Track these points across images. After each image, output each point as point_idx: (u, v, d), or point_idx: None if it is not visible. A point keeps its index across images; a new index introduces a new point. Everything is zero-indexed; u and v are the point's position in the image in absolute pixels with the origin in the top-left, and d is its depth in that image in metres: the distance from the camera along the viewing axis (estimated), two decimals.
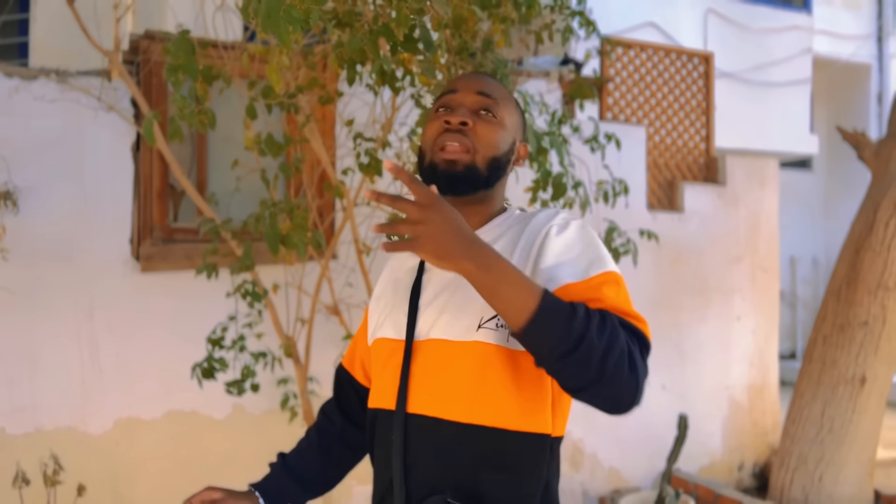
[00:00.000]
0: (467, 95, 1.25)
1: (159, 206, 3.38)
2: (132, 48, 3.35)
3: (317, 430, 1.48)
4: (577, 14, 2.90)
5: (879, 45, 8.67)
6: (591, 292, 1.11)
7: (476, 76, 1.31)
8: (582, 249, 1.17)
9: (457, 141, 1.20)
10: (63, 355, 3.23)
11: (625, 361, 1.03)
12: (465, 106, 1.24)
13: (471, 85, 1.27)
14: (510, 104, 1.30)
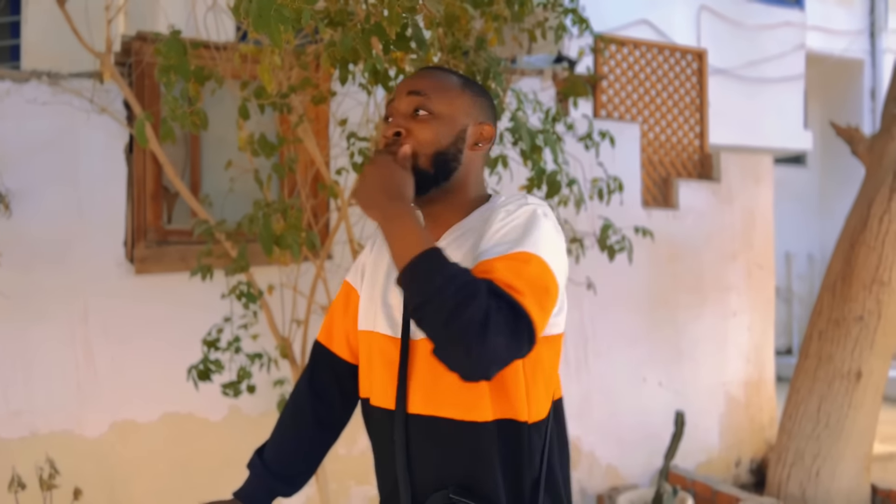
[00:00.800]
0: (401, 100, 1.26)
1: (153, 208, 3.37)
2: (124, 50, 3.33)
3: (291, 419, 1.43)
4: (569, 12, 2.90)
5: (872, 41, 8.69)
6: (496, 266, 1.09)
7: (414, 76, 1.31)
8: (516, 231, 1.15)
9: (399, 154, 1.22)
10: (58, 358, 3.22)
11: (475, 325, 1.00)
12: (399, 112, 1.26)
13: (403, 87, 1.27)
14: (450, 91, 1.27)
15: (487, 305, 1.02)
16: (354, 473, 3.58)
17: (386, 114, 1.30)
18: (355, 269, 1.43)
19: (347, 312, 1.41)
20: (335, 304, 1.45)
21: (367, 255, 1.41)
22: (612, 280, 4.07)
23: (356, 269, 1.43)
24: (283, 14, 1.44)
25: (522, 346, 1.06)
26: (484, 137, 1.31)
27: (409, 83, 1.28)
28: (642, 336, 4.37)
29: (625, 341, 4.32)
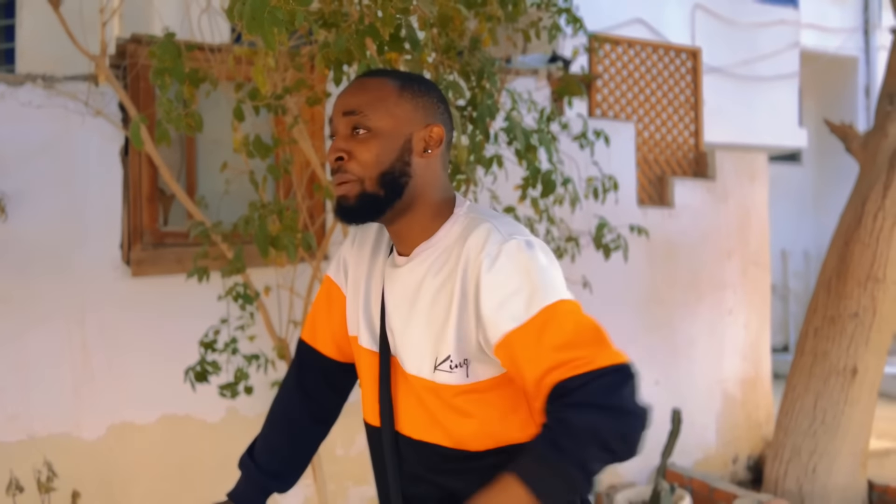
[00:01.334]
0: (339, 121, 1.18)
1: (149, 211, 3.37)
2: (119, 52, 3.34)
3: (283, 417, 1.39)
4: (563, 11, 2.91)
5: (866, 38, 8.72)
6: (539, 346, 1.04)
7: (348, 90, 1.21)
8: (517, 283, 1.06)
9: (340, 178, 1.16)
10: (55, 361, 3.22)
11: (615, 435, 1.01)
12: (339, 134, 1.18)
13: (339, 106, 1.19)
14: (386, 101, 1.17)
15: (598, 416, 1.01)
16: (352, 474, 3.59)
17: (330, 131, 1.22)
18: (337, 265, 1.36)
19: (332, 311, 1.35)
20: (318, 302, 1.38)
21: (349, 250, 1.34)
22: (608, 279, 4.08)
23: (338, 264, 1.36)
24: (277, 16, 1.45)
25: (636, 390, 1.05)
26: (433, 140, 1.19)
27: (343, 101, 1.19)
28: (639, 334, 4.39)
29: (621, 340, 4.30)
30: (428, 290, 1.15)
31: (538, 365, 1.04)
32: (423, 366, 1.15)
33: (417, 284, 1.17)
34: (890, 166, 3.68)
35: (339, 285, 1.34)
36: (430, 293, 1.15)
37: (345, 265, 1.34)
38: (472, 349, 1.11)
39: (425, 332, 1.14)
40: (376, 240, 1.31)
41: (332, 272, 1.36)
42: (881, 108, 3.89)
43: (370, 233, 1.32)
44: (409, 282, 1.18)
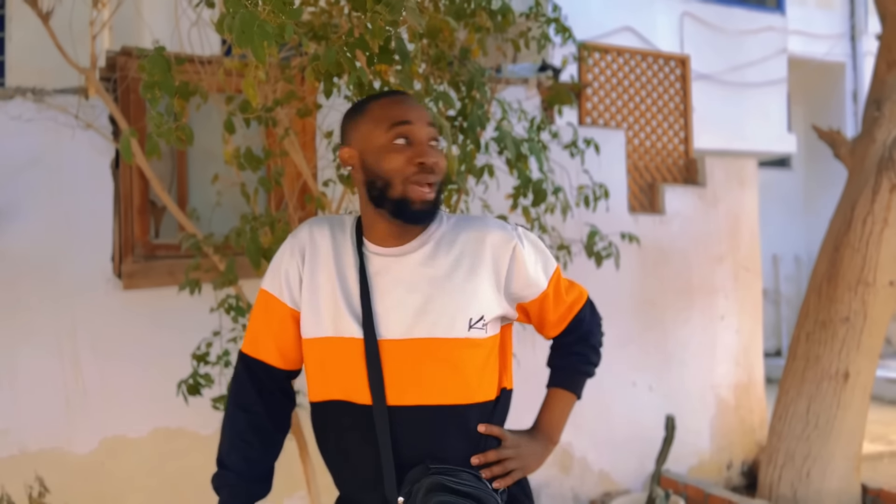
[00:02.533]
0: (422, 128, 1.36)
1: (140, 223, 3.36)
2: (109, 65, 3.34)
3: (250, 429, 1.46)
4: (552, 21, 2.92)
5: (853, 44, 8.79)
6: (558, 298, 1.51)
7: (415, 105, 1.40)
8: (539, 253, 1.46)
9: (432, 182, 1.35)
10: (46, 375, 3.20)
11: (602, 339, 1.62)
12: (424, 142, 1.36)
13: (421, 116, 1.37)
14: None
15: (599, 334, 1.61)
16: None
17: (400, 133, 1.36)
18: (275, 277, 1.45)
19: (271, 322, 1.45)
20: (257, 316, 1.47)
21: (298, 267, 1.43)
22: (600, 285, 4.09)
23: (279, 279, 1.44)
24: (266, 30, 1.45)
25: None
26: None
27: (425, 113, 1.38)
28: (632, 340, 4.39)
29: (614, 346, 4.33)
30: (445, 268, 1.38)
31: (561, 305, 1.51)
32: (454, 327, 1.35)
33: (431, 265, 1.38)
34: (878, 171, 3.71)
35: (278, 297, 1.44)
36: (453, 269, 1.38)
37: (287, 276, 1.43)
38: (494, 310, 1.40)
39: (454, 300, 1.36)
40: (333, 242, 1.43)
41: (269, 285, 1.46)
42: (868, 113, 3.92)
43: (319, 239, 1.43)
44: (422, 264, 1.38)
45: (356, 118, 1.42)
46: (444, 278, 1.37)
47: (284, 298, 1.43)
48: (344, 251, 1.42)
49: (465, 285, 1.37)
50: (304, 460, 2.90)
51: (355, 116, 1.43)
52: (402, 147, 1.35)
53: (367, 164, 1.38)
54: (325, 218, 1.49)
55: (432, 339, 1.34)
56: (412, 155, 1.34)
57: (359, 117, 1.41)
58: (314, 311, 1.40)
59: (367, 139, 1.38)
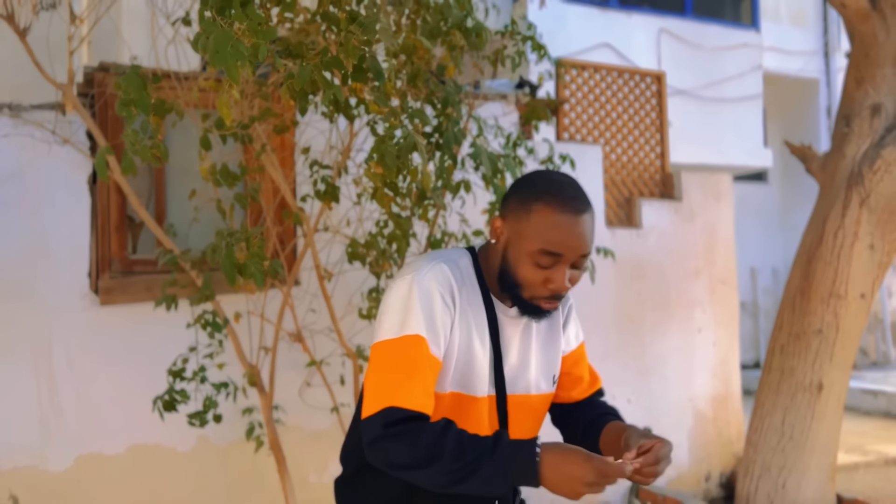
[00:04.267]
0: (573, 258, 1.33)
1: (117, 239, 3.35)
2: (87, 80, 3.34)
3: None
4: (528, 39, 2.97)
5: (826, 60, 8.96)
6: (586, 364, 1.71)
7: (584, 231, 1.32)
8: (576, 316, 1.63)
9: (557, 302, 1.38)
10: (21, 392, 3.17)
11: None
12: (565, 270, 1.33)
13: (578, 246, 1.32)
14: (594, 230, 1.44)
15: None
16: (325, 501, 3.56)
17: (550, 252, 1.31)
18: (436, 336, 1.32)
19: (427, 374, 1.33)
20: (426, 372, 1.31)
21: (447, 317, 1.34)
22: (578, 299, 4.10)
23: (437, 336, 1.32)
24: (240, 50, 1.47)
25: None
26: None
27: (584, 243, 1.33)
28: (610, 354, 4.43)
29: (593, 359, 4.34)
30: (541, 327, 1.50)
31: (590, 371, 1.65)
32: (541, 384, 1.49)
33: (530, 325, 1.47)
34: (847, 186, 3.78)
35: (435, 355, 1.32)
36: (542, 327, 1.50)
37: (446, 329, 1.34)
38: None
39: (547, 356, 1.50)
40: (468, 299, 1.40)
41: (435, 348, 1.32)
42: (838, 129, 4.00)
43: (463, 293, 1.38)
44: (527, 324, 1.47)
45: (522, 202, 1.35)
46: (540, 336, 1.50)
47: (441, 355, 1.34)
48: (476, 310, 1.40)
49: (553, 342, 1.52)
50: (283, 475, 2.89)
51: (523, 200, 1.35)
52: (543, 268, 1.33)
53: (508, 254, 1.36)
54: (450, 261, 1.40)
55: (527, 396, 1.47)
56: (550, 279, 1.33)
57: (524, 206, 1.33)
58: (466, 365, 1.38)
59: (518, 233, 1.34)
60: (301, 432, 3.46)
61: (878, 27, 3.82)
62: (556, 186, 1.35)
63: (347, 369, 3.46)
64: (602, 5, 7.26)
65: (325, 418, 3.43)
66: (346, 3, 1.97)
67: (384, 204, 2.31)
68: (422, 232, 3.31)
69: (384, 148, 2.07)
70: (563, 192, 1.33)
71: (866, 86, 3.90)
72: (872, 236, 3.75)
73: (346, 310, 3.35)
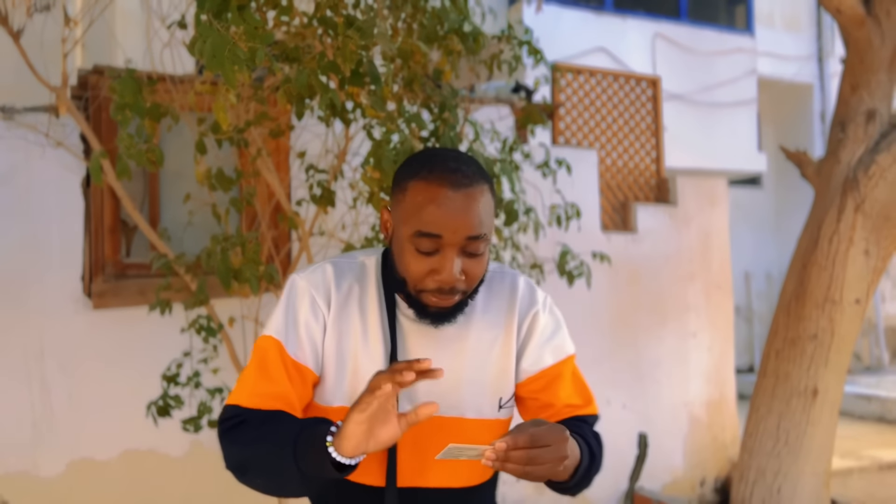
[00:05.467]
0: (454, 243, 1.12)
1: (111, 242, 3.33)
2: (81, 83, 3.32)
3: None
4: (524, 44, 2.96)
5: (820, 66, 8.99)
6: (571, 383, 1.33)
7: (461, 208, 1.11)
8: (556, 328, 1.32)
9: (447, 297, 1.14)
10: (12, 397, 3.15)
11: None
12: (451, 258, 1.12)
13: (458, 229, 1.11)
14: (491, 210, 1.16)
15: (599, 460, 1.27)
16: None
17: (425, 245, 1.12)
18: (299, 342, 1.20)
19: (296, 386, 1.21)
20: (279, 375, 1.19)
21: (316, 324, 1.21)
22: (573, 304, 4.12)
23: (300, 341, 1.20)
24: (237, 54, 1.46)
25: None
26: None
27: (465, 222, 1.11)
28: (605, 358, 4.42)
29: (587, 364, 4.36)
30: (479, 339, 1.26)
31: (569, 395, 1.31)
32: (483, 407, 1.25)
33: (462, 336, 1.24)
34: (843, 191, 3.78)
35: (299, 361, 1.20)
36: (484, 341, 1.26)
37: (314, 337, 1.21)
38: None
39: (486, 375, 1.26)
40: (359, 302, 1.23)
41: (294, 350, 1.20)
42: (833, 134, 4.00)
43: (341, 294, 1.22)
44: (451, 336, 1.23)
45: (399, 184, 1.17)
46: (475, 351, 1.24)
47: (307, 359, 1.20)
48: (369, 314, 1.22)
49: (497, 360, 1.25)
50: None
51: (399, 183, 1.18)
52: (425, 254, 1.13)
53: (393, 245, 1.19)
54: (345, 261, 1.27)
55: (459, 419, 1.22)
56: (435, 268, 1.13)
57: (401, 188, 1.17)
58: (339, 376, 1.21)
59: (397, 219, 1.17)
60: None
61: (873, 33, 3.83)
62: (435, 160, 1.15)
63: None
64: (597, 10, 7.27)
65: None
66: (343, 7, 1.96)
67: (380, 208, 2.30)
68: None
69: (381, 152, 2.06)
70: (443, 165, 1.13)
71: (861, 91, 3.91)
72: (867, 241, 3.75)
73: None
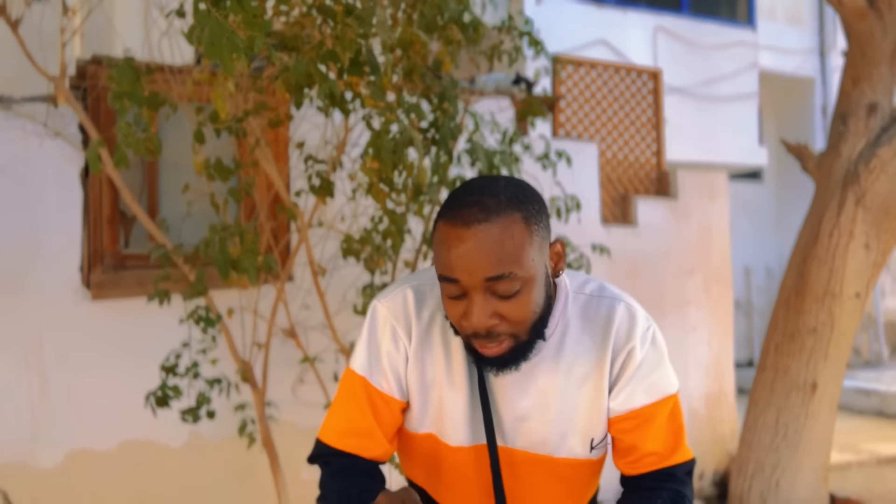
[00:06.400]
0: (475, 287, 1.03)
1: (110, 233, 3.32)
2: (79, 73, 3.30)
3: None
4: (524, 34, 2.95)
5: (822, 59, 8.96)
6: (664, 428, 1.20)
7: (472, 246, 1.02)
8: (657, 365, 1.21)
9: (490, 343, 1.07)
10: (11, 387, 3.14)
11: None
12: (477, 302, 1.04)
13: (474, 271, 1.02)
14: (525, 246, 1.03)
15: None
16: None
17: (447, 291, 1.06)
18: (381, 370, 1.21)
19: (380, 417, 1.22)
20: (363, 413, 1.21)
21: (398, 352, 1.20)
22: None
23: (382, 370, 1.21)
24: (235, 42, 1.45)
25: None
26: (561, 257, 1.13)
27: (479, 268, 1.01)
28: None
29: None
30: (569, 374, 1.17)
31: (656, 442, 1.20)
32: (575, 447, 1.20)
33: (551, 371, 1.17)
34: (843, 185, 3.78)
35: (385, 392, 1.21)
36: (574, 377, 1.17)
37: (397, 367, 1.21)
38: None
39: (577, 414, 1.18)
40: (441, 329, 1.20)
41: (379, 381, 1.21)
42: (834, 128, 3.99)
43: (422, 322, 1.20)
44: (538, 370, 1.16)
45: (434, 225, 1.11)
46: (564, 388, 1.17)
47: (392, 391, 1.21)
48: (451, 335, 1.18)
49: (587, 399, 1.18)
50: (275, 472, 2.87)
51: (435, 222, 1.10)
52: (454, 299, 1.06)
53: None
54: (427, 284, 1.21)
55: (549, 458, 1.19)
56: (465, 314, 1.06)
57: (434, 229, 1.10)
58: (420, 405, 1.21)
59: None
60: (294, 429, 3.44)
61: (875, 26, 3.81)
62: (459, 194, 1.07)
63: (341, 366, 3.45)
64: (598, 2, 7.25)
65: (319, 415, 3.41)
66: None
67: (379, 199, 2.29)
68: (417, 228, 3.29)
69: (380, 143, 2.05)
70: (462, 199, 1.04)
71: (863, 85, 3.89)
72: (868, 235, 3.74)
73: (339, 306, 3.33)
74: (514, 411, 1.18)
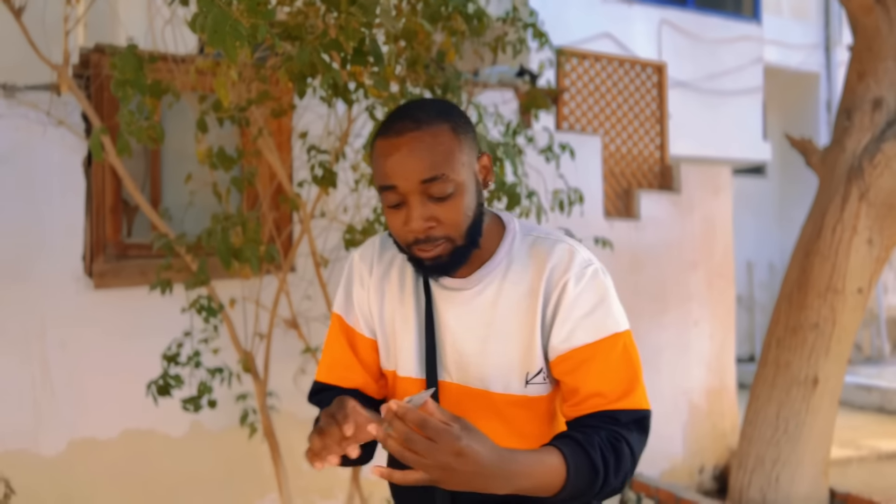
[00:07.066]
0: (411, 190, 1.11)
1: (112, 222, 3.32)
2: (82, 62, 3.30)
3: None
4: (529, 26, 2.94)
5: (827, 54, 8.93)
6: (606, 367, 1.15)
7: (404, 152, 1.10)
8: (595, 303, 1.17)
9: (428, 247, 1.13)
10: (14, 375, 3.15)
11: (630, 471, 1.14)
12: (415, 206, 1.11)
13: (409, 175, 1.10)
14: (455, 152, 1.12)
15: (632, 453, 1.13)
16: (319, 488, 3.56)
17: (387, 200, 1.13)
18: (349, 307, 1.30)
19: (358, 353, 1.30)
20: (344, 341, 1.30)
21: (363, 290, 1.29)
22: None
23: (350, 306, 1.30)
24: (239, 30, 1.45)
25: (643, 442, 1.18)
26: (488, 169, 1.20)
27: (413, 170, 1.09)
28: None
29: None
30: (508, 308, 1.19)
31: (600, 382, 1.16)
32: (511, 382, 1.20)
33: (491, 304, 1.20)
34: (847, 180, 3.76)
35: (357, 330, 1.30)
36: (511, 311, 1.19)
37: (363, 305, 1.29)
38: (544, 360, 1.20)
39: (512, 348, 1.19)
40: (399, 269, 1.27)
41: (351, 320, 1.30)
42: (839, 123, 3.98)
43: (384, 263, 1.28)
44: (479, 303, 1.20)
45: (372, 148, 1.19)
46: (502, 320, 1.19)
47: (361, 327, 1.29)
48: (406, 279, 1.26)
49: (522, 331, 1.19)
50: (276, 462, 2.88)
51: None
52: (394, 208, 1.14)
53: None
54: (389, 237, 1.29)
55: (485, 392, 1.20)
56: (405, 220, 1.13)
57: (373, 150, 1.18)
58: (385, 340, 1.28)
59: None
60: (295, 419, 3.45)
61: (882, 20, 3.79)
62: (391, 114, 1.16)
63: None
64: None
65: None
66: None
67: None
68: None
69: None
70: (392, 117, 1.14)
71: (868, 79, 3.87)
72: (871, 231, 3.73)
73: None
74: (455, 345, 1.22)
